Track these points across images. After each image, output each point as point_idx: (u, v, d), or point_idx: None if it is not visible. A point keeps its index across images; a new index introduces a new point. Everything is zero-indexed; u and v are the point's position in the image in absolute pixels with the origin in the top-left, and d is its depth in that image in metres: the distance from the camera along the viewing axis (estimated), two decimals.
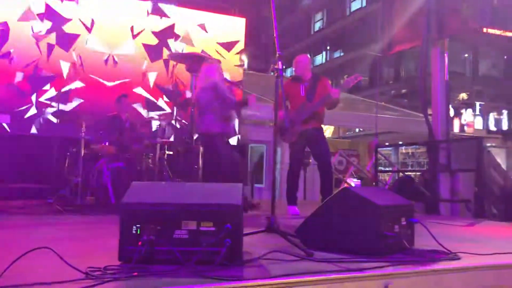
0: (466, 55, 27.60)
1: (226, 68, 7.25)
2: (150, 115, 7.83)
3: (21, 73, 7.30)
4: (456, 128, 24.72)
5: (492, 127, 26.97)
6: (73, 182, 5.35)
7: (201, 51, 8.10)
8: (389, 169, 15.97)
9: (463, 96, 27.11)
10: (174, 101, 7.94)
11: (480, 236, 3.69)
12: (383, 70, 30.06)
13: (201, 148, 5.73)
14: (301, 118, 4.98)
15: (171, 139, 7.53)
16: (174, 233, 1.99)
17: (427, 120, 6.56)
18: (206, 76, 4.93)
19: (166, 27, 8.27)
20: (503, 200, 6.29)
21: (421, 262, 2.17)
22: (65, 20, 7.60)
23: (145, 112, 7.96)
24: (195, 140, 6.02)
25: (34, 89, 7.35)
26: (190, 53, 7.50)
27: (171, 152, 6.32)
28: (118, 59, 7.90)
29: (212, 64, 5.16)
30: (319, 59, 36.77)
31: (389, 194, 2.90)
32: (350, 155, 13.67)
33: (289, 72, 31.83)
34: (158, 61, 8.17)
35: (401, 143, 19.60)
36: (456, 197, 6.15)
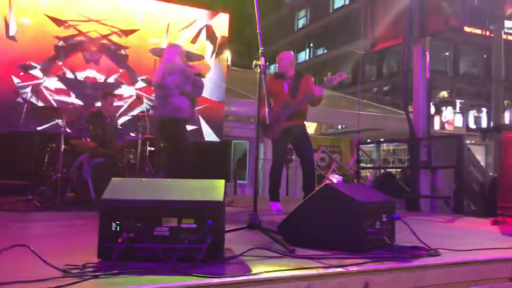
0: (447, 54, 27.98)
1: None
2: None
3: None
4: (437, 126, 25.06)
5: (472, 125, 27.40)
6: (53, 178, 5.27)
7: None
8: (371, 166, 16.10)
9: (444, 94, 27.48)
10: None
11: (460, 232, 3.74)
12: (366, 68, 30.32)
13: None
14: (285, 115, 4.98)
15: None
16: (155, 230, 1.97)
17: (408, 118, 6.61)
18: (170, 60, 4.67)
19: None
20: (482, 197, 6.40)
21: (402, 259, 2.19)
22: None
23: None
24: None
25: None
26: None
27: (153, 148, 6.26)
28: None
29: (177, 48, 4.87)
30: (303, 56, 36.89)
31: (371, 191, 2.91)
32: (333, 152, 13.73)
33: (273, 69, 31.88)
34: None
35: (383, 140, 19.82)
36: (436, 194, 6.22)
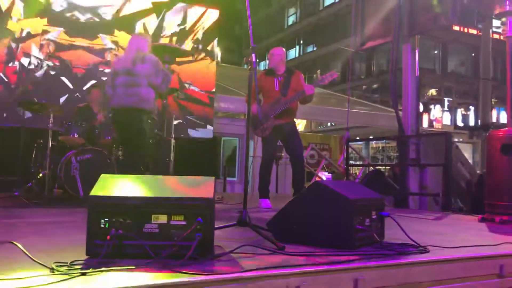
0: (436, 52, 28.18)
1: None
2: None
3: None
4: (425, 124, 25.24)
5: (460, 123, 27.64)
6: (41, 174, 5.22)
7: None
8: (360, 163, 16.18)
9: (432, 92, 27.68)
10: None
11: (448, 229, 3.77)
12: (355, 65, 30.40)
13: (173, 141, 5.60)
14: (275, 113, 4.97)
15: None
16: (144, 227, 1.96)
17: (398, 115, 6.64)
18: (140, 49, 4.50)
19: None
20: (470, 194, 6.46)
21: (391, 256, 2.20)
22: None
23: None
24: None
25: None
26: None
27: None
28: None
29: (146, 38, 4.71)
30: (292, 54, 36.90)
31: (360, 188, 2.92)
32: (322, 149, 13.77)
33: (263, 66, 31.87)
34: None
35: (372, 138, 19.91)
36: (425, 191, 6.27)
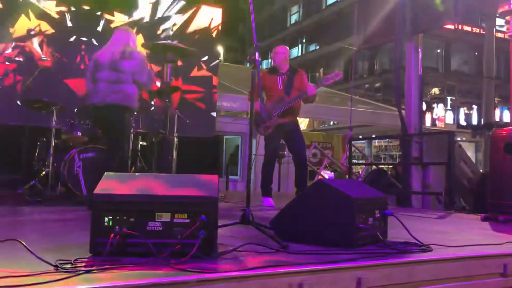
0: (439, 51, 28.10)
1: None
2: None
3: None
4: (428, 122, 25.21)
5: (462, 122, 27.58)
6: (44, 172, 5.22)
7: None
8: (363, 162, 16.17)
9: (435, 91, 27.62)
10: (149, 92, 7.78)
11: (451, 228, 3.76)
12: (358, 64, 30.37)
13: (173, 139, 5.58)
14: (278, 111, 4.97)
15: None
16: (148, 225, 1.96)
17: (401, 114, 6.63)
18: (127, 44, 4.35)
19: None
20: (472, 193, 6.44)
21: (394, 254, 2.20)
22: None
23: None
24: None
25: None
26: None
27: (145, 143, 6.22)
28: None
29: (132, 33, 4.53)
30: (295, 52, 36.86)
31: (363, 187, 2.92)
32: (325, 148, 13.75)
33: (265, 65, 31.83)
34: None
35: (375, 136, 19.88)
36: (428, 190, 6.25)
